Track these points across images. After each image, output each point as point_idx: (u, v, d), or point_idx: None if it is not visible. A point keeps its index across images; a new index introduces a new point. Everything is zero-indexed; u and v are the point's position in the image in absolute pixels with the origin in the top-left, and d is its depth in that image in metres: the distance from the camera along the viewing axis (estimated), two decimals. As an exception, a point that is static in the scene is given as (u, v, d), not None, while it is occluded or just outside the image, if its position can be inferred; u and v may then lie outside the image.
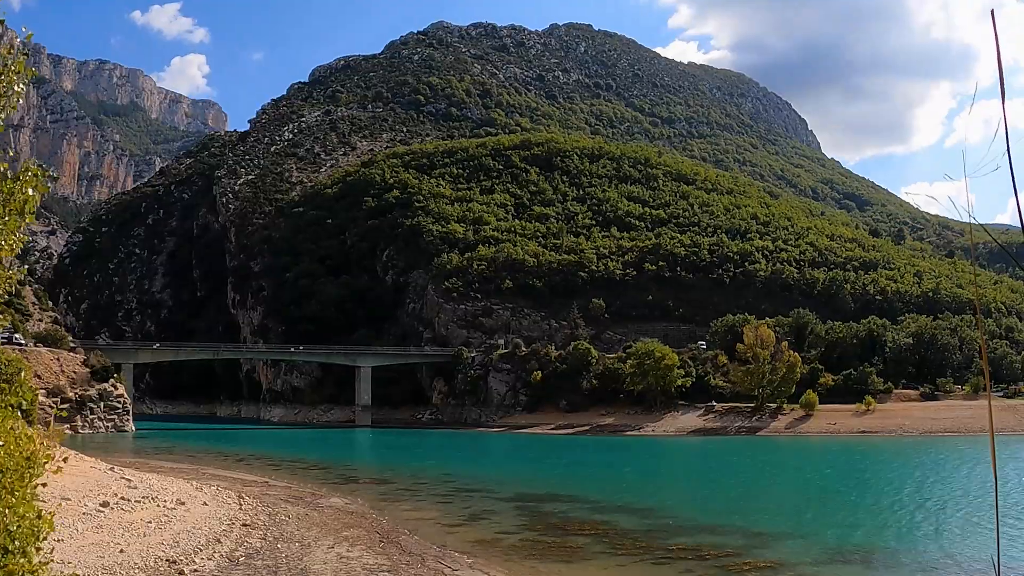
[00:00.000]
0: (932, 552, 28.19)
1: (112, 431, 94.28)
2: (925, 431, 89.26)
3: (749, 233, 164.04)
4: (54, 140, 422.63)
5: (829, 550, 28.57)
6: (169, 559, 21.48)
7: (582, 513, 37.36)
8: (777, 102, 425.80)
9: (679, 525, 34.23)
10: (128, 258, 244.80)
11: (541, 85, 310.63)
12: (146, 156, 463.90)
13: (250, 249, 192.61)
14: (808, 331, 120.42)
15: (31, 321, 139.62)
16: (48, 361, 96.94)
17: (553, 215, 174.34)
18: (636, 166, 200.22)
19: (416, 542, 28.26)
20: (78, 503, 27.30)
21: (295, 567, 22.56)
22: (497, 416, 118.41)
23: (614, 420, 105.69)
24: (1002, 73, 4.29)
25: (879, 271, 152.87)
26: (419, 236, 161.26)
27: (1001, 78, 4.30)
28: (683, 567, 25.63)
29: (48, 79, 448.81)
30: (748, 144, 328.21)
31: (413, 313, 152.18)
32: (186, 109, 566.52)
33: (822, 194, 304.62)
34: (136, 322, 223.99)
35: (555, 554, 27.54)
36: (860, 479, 53.44)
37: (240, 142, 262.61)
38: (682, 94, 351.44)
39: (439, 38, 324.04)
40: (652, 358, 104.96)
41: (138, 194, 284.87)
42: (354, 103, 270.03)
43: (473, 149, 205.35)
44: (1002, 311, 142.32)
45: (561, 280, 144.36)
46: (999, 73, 4.31)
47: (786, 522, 35.49)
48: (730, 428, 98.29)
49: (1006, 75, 4.35)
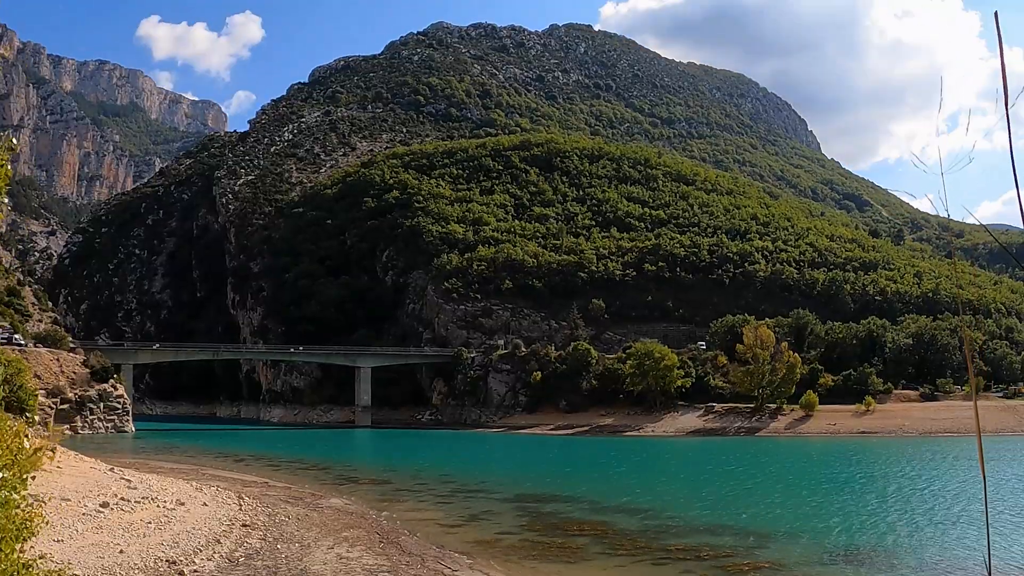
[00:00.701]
0: (932, 552, 28.18)
1: (112, 431, 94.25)
2: (925, 431, 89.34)
3: (749, 234, 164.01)
4: (54, 140, 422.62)
5: (829, 550, 28.56)
6: (169, 560, 21.47)
7: (582, 513, 37.34)
8: (777, 102, 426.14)
9: (678, 525, 34.21)
10: (128, 259, 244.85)
11: (541, 86, 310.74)
12: (146, 156, 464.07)
13: (250, 249, 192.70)
14: (808, 331, 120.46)
15: (31, 322, 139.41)
16: (48, 361, 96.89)
17: (553, 216, 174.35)
18: (636, 167, 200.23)
19: (416, 542, 28.27)
20: (78, 503, 27.28)
21: (295, 567, 22.56)
22: (497, 416, 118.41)
23: (613, 420, 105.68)
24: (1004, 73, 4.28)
25: (879, 271, 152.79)
26: (419, 236, 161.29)
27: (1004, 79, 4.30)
28: (683, 567, 25.62)
29: (48, 79, 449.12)
30: (748, 144, 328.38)
31: (413, 314, 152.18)
32: (186, 109, 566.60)
33: (822, 194, 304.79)
34: (136, 323, 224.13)
35: (555, 554, 27.53)
36: (860, 479, 53.41)
37: (240, 142, 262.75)
38: (682, 94, 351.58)
39: (439, 39, 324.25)
40: (652, 359, 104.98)
41: (138, 194, 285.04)
42: (354, 104, 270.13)
43: (473, 150, 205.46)
44: (1002, 311, 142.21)
45: (561, 280, 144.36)
46: (1002, 74, 4.31)
47: (786, 522, 35.47)
48: (730, 429, 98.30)
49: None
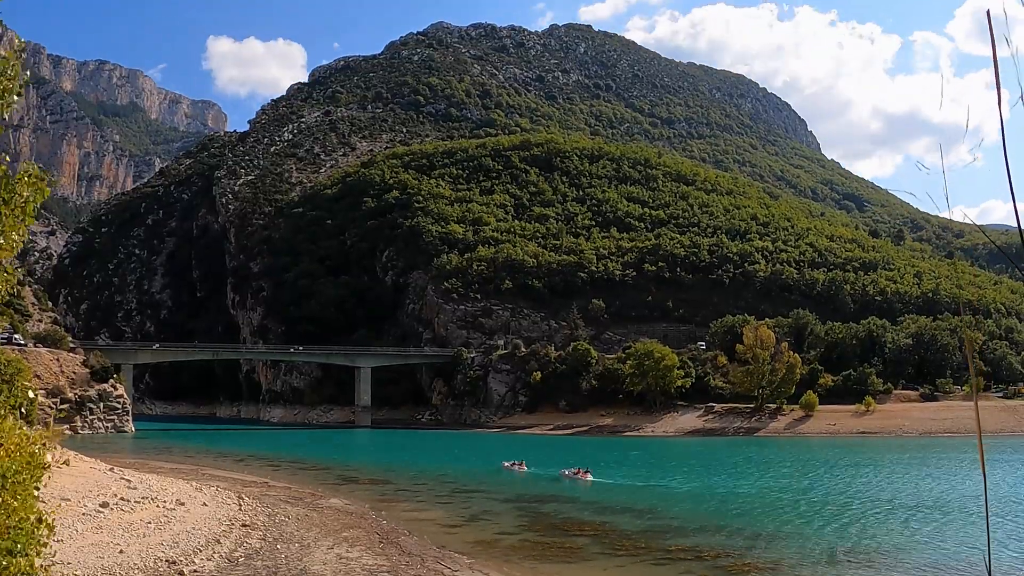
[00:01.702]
0: (932, 552, 28.19)
1: (112, 432, 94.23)
2: (924, 432, 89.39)
3: (749, 234, 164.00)
4: (54, 140, 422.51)
5: (828, 550, 28.58)
6: (169, 560, 21.48)
7: (581, 514, 37.37)
8: (777, 103, 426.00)
9: (678, 526, 34.24)
10: (128, 259, 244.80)
11: (541, 86, 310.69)
12: (146, 156, 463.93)
13: (250, 250, 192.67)
14: (808, 332, 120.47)
15: (31, 321, 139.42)
16: (48, 362, 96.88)
17: (553, 216, 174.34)
18: (636, 167, 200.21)
19: (416, 543, 28.29)
20: (78, 504, 27.30)
21: (295, 568, 22.57)
22: (497, 417, 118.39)
23: (613, 421, 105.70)
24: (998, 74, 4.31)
25: (879, 272, 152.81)
26: (419, 237, 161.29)
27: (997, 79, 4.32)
28: (682, 568, 25.63)
29: (48, 79, 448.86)
30: (748, 145, 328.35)
31: (413, 314, 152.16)
32: (186, 109, 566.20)
33: (822, 195, 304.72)
34: (136, 323, 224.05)
35: (555, 555, 27.56)
36: (859, 480, 53.40)
37: (240, 143, 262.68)
38: (682, 95, 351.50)
39: (439, 39, 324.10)
40: (652, 359, 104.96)
41: (138, 194, 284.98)
42: (354, 104, 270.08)
43: (473, 150, 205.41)
44: (1002, 312, 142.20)
45: (561, 281, 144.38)
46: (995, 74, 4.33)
47: (785, 522, 35.50)
48: (729, 429, 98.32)
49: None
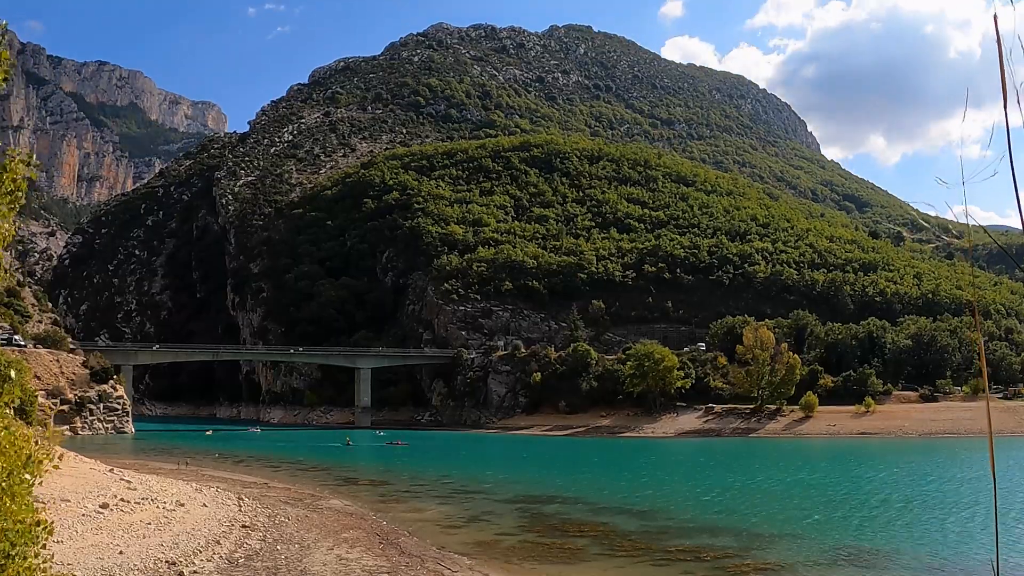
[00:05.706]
0: (932, 553, 28.17)
1: (111, 432, 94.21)
2: (924, 432, 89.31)
3: (748, 235, 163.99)
4: (54, 141, 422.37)
5: (828, 550, 28.57)
6: (169, 560, 21.46)
7: (581, 514, 37.35)
8: (777, 104, 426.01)
9: (678, 526, 34.23)
10: (128, 259, 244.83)
11: (541, 87, 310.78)
12: (146, 157, 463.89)
13: (250, 251, 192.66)
14: (807, 333, 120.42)
15: (30, 322, 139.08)
16: (48, 362, 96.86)
17: (553, 217, 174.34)
18: (636, 168, 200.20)
19: (415, 543, 28.27)
20: (77, 504, 27.28)
21: (295, 569, 22.55)
22: (496, 418, 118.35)
23: (612, 421, 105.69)
24: (1003, 75, 4.29)
25: (879, 273, 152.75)
26: (419, 238, 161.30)
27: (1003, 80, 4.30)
28: (682, 568, 25.62)
29: (48, 80, 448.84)
30: (747, 146, 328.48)
31: (413, 315, 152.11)
32: (186, 110, 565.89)
33: (821, 195, 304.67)
34: (135, 323, 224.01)
35: (555, 556, 27.54)
36: (859, 480, 53.39)
37: (240, 144, 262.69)
38: (682, 96, 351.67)
39: (439, 40, 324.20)
40: (651, 359, 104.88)
41: (137, 195, 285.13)
42: (354, 104, 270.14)
43: (473, 151, 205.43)
44: (1001, 312, 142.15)
45: (561, 282, 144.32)
46: (1001, 76, 4.32)
47: (785, 523, 35.48)
48: (728, 430, 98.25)
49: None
